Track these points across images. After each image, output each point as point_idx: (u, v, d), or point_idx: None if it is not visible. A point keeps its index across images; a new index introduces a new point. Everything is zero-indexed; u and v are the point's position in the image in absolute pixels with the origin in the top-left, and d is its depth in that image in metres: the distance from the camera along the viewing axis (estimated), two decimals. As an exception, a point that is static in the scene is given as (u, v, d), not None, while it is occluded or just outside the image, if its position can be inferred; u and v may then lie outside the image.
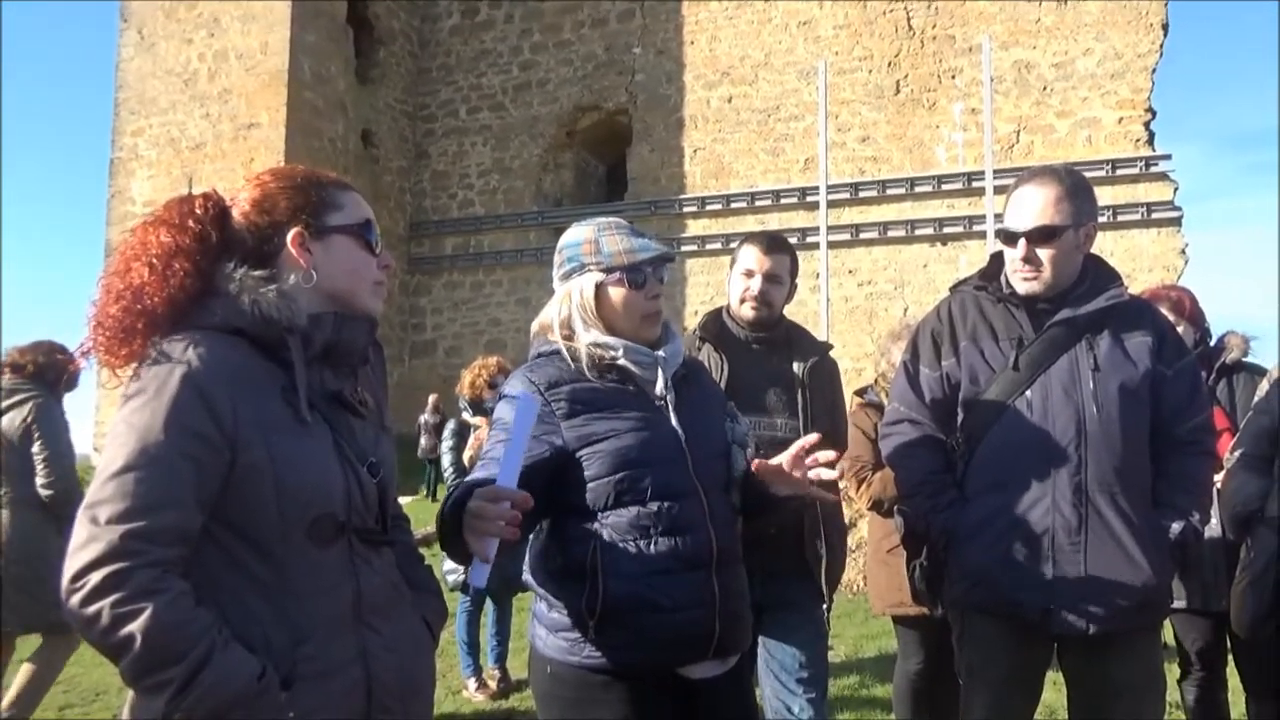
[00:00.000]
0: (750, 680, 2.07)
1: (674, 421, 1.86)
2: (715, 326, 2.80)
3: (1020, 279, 2.27)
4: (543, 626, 1.88)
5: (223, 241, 1.47)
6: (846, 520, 2.93)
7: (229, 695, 1.25)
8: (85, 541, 1.24)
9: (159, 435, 1.28)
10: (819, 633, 2.73)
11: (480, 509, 1.48)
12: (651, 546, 1.76)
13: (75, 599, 1.22)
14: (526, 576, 1.94)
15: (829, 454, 1.85)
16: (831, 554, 2.69)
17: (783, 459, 1.86)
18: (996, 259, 2.43)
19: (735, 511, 1.96)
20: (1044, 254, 2.22)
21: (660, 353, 1.90)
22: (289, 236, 1.47)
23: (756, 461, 1.88)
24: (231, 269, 1.43)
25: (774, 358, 2.76)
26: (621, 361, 1.85)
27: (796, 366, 2.73)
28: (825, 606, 2.74)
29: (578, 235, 1.93)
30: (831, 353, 2.92)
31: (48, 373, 4.10)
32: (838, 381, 2.88)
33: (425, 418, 12.90)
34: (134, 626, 1.21)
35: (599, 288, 1.88)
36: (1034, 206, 2.23)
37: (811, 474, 1.85)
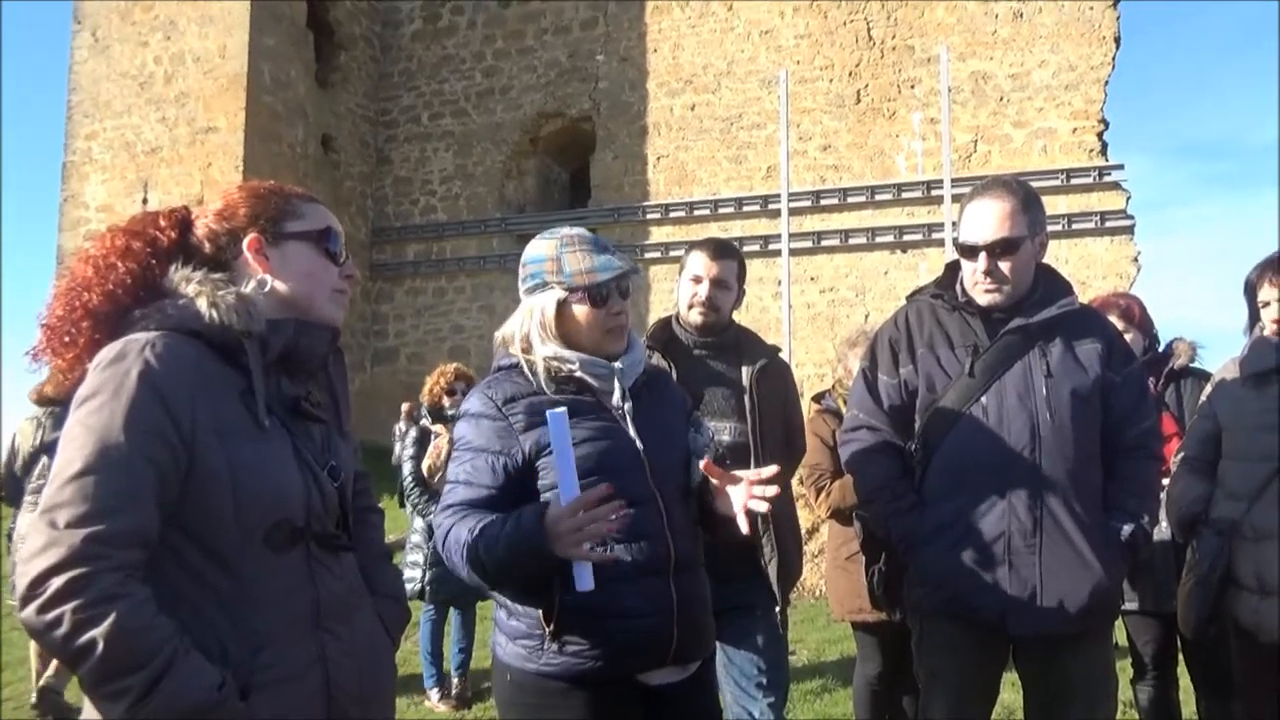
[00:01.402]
0: (714, 686, 2.07)
1: (631, 431, 1.87)
2: (663, 334, 2.82)
3: (982, 291, 2.31)
4: (503, 634, 1.88)
5: (176, 245, 1.47)
6: (808, 526, 2.94)
7: (188, 705, 1.23)
8: (44, 546, 1.21)
9: (118, 437, 1.26)
10: (775, 635, 2.74)
11: (573, 521, 1.61)
12: (608, 553, 1.76)
13: (33, 605, 1.20)
14: None
15: (771, 489, 1.82)
16: (784, 554, 2.70)
17: (741, 475, 1.85)
18: (952, 268, 2.47)
19: (695, 520, 1.97)
20: (1005, 266, 2.27)
21: (618, 364, 1.91)
22: (246, 242, 1.47)
23: (705, 461, 1.88)
24: (190, 270, 1.43)
25: (722, 363, 2.77)
26: (578, 374, 1.86)
27: (744, 370, 2.74)
28: (780, 608, 2.75)
29: (540, 251, 1.93)
30: (793, 359, 2.95)
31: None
32: (790, 383, 2.90)
33: (400, 425, 12.75)
34: (96, 632, 1.19)
35: (561, 305, 1.88)
36: (992, 219, 2.27)
37: (750, 503, 1.82)
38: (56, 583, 1.19)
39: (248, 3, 14.35)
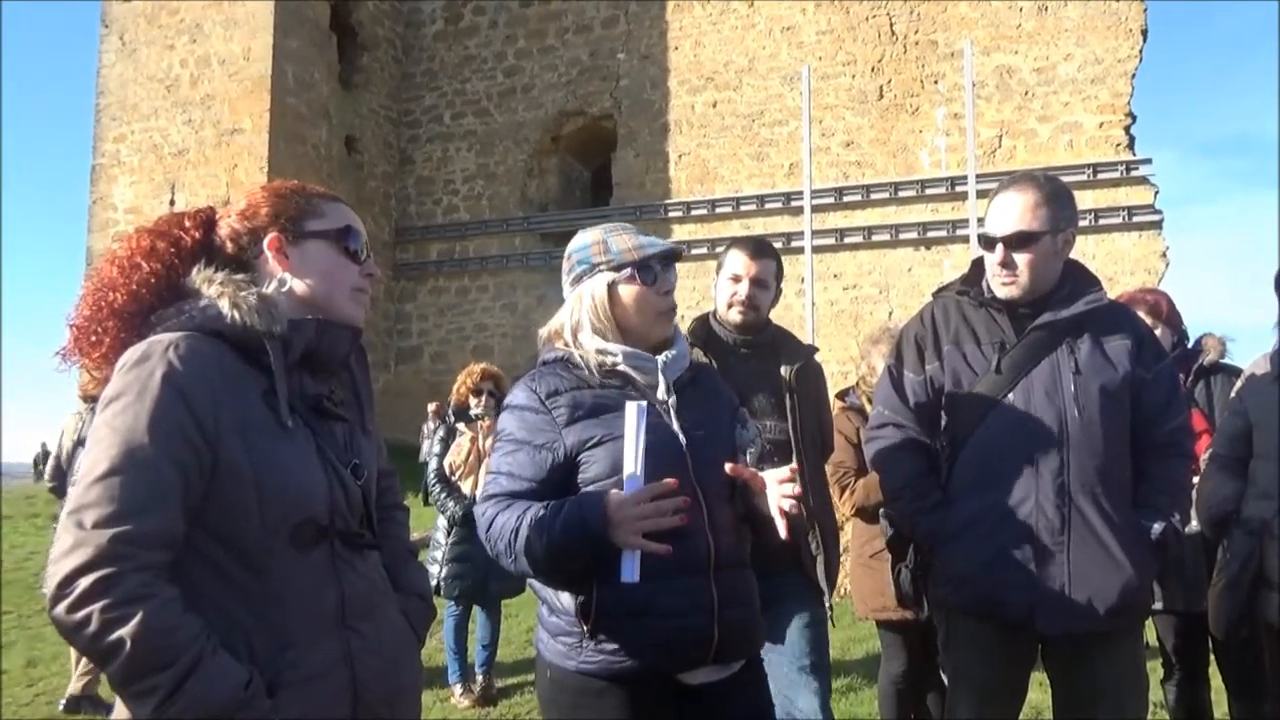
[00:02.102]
0: (761, 685, 1.99)
1: (675, 425, 1.85)
2: (703, 331, 2.83)
3: (999, 283, 2.30)
4: (545, 631, 1.87)
5: (200, 245, 1.48)
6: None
7: (215, 704, 1.24)
8: (71, 547, 1.22)
9: (143, 438, 1.27)
10: (819, 618, 2.75)
11: (638, 510, 1.63)
12: (662, 546, 1.72)
13: (62, 605, 1.21)
14: (530, 580, 1.92)
15: (790, 488, 1.80)
16: (825, 553, 2.71)
17: (766, 477, 1.83)
18: (978, 264, 2.45)
19: (740, 517, 1.94)
20: (1021, 259, 2.25)
21: (662, 357, 1.89)
22: (266, 241, 1.49)
23: (731, 466, 1.86)
24: (212, 270, 1.44)
25: (761, 361, 2.78)
26: (622, 367, 1.85)
27: (784, 370, 2.75)
28: (827, 602, 2.75)
29: (585, 239, 1.94)
30: (816, 356, 2.95)
31: None
32: (823, 383, 2.91)
33: (428, 425, 12.83)
34: (123, 632, 1.20)
35: (611, 288, 1.87)
36: (1012, 212, 2.26)
37: (778, 504, 1.80)
38: (84, 583, 1.20)
39: (271, 5, 14.48)
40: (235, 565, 1.34)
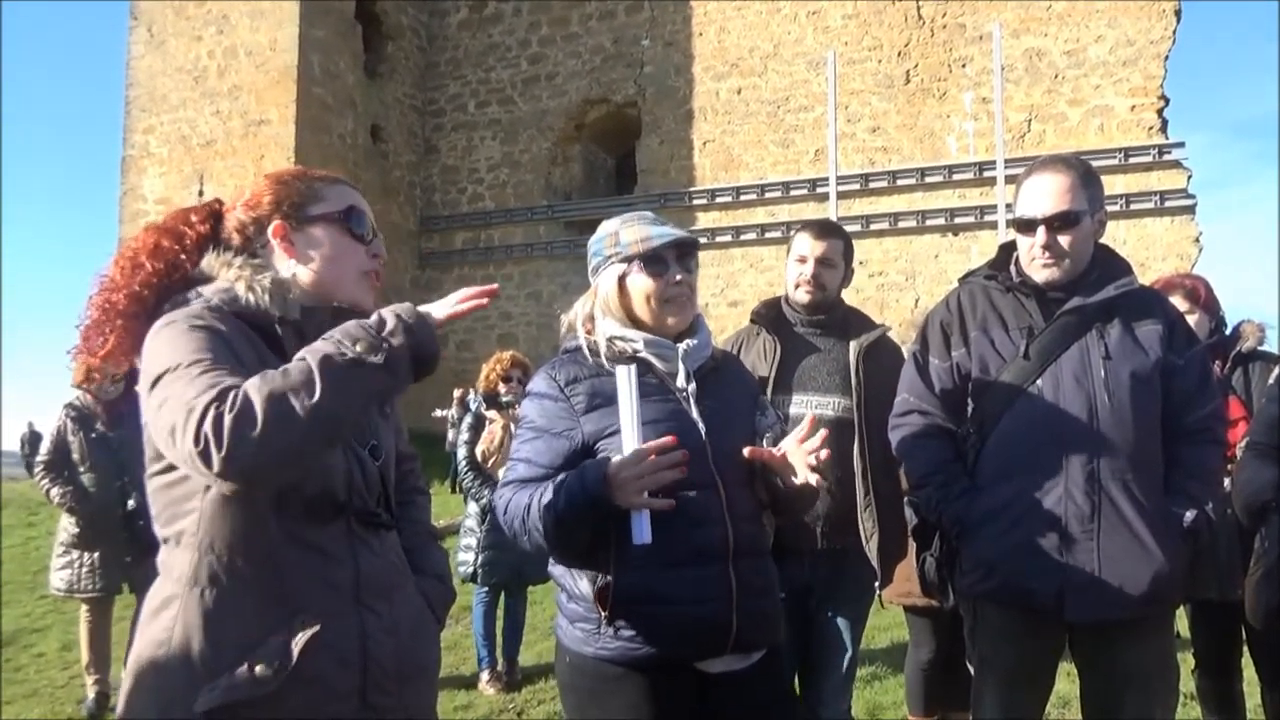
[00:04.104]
0: (781, 674, 1.99)
1: (694, 413, 1.85)
2: (771, 313, 2.88)
3: (1039, 266, 2.25)
4: (564, 617, 1.88)
5: (206, 238, 1.50)
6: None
7: (350, 337, 1.29)
8: (175, 414, 1.23)
9: (198, 342, 1.31)
10: (859, 615, 2.78)
11: (637, 469, 1.63)
12: (666, 537, 1.73)
13: (198, 446, 1.19)
14: (550, 567, 1.94)
15: (814, 442, 1.78)
16: (884, 528, 2.71)
17: (784, 446, 1.83)
18: (1005, 249, 2.43)
19: (760, 505, 1.93)
20: (1064, 240, 2.22)
21: (683, 345, 1.89)
22: (271, 229, 1.50)
23: (750, 449, 1.85)
24: (230, 255, 1.46)
25: (830, 340, 2.81)
26: (642, 354, 1.85)
27: (852, 346, 2.77)
28: (877, 583, 2.77)
29: (602, 230, 1.95)
30: (890, 334, 2.96)
31: None
32: (900, 361, 2.89)
33: (452, 411, 12.90)
34: (249, 409, 1.19)
35: (621, 280, 1.88)
36: (1052, 193, 2.22)
37: (809, 460, 1.79)
38: (204, 424, 1.19)
39: (297, -4, 14.55)
40: (252, 531, 1.36)
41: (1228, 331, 3.33)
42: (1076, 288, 2.26)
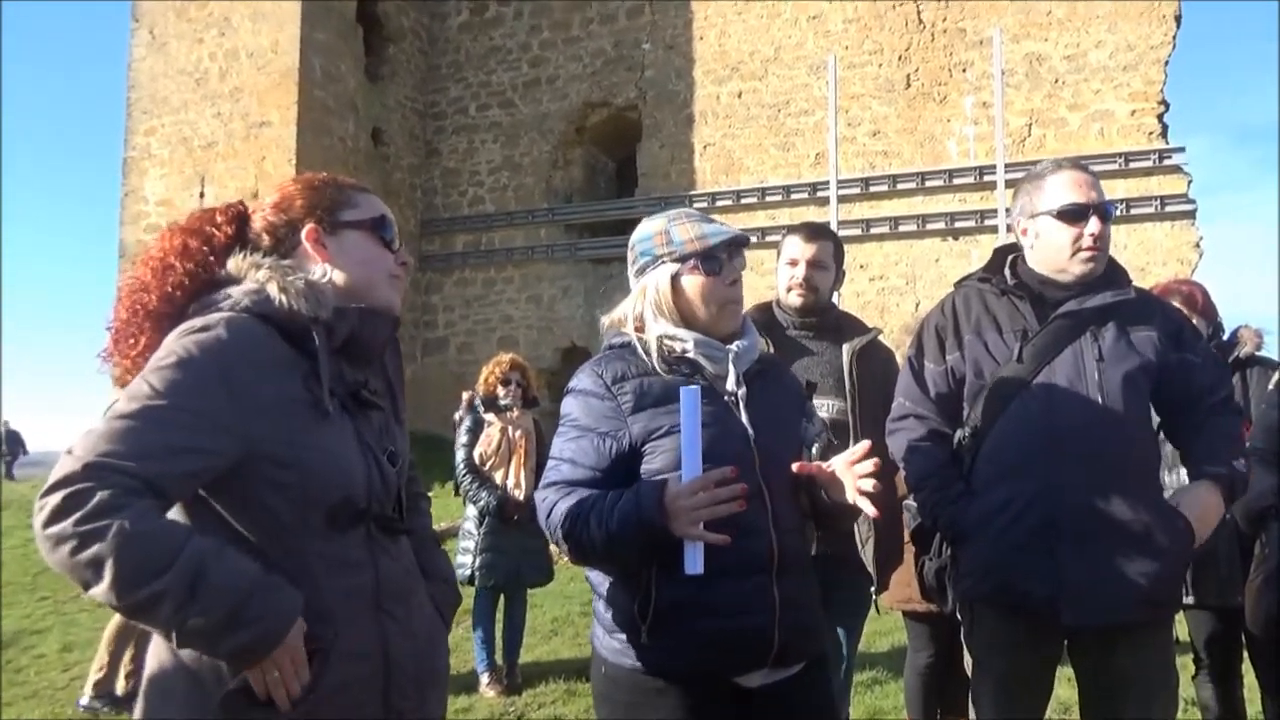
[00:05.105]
0: (824, 686, 1.92)
1: (744, 418, 1.79)
2: (763, 317, 2.87)
3: (1083, 259, 2.23)
4: (600, 626, 1.83)
5: (233, 240, 1.50)
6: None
7: (241, 591, 1.22)
8: (54, 470, 1.22)
9: (164, 399, 1.27)
10: (855, 626, 2.76)
11: (694, 500, 1.57)
12: (708, 549, 1.66)
13: (38, 521, 1.20)
14: (589, 574, 1.88)
15: (867, 465, 1.74)
16: (880, 534, 2.70)
17: (835, 464, 1.77)
18: (1000, 253, 2.44)
19: (804, 516, 1.89)
20: (1107, 231, 2.24)
21: (733, 347, 1.84)
22: (304, 232, 1.51)
23: (799, 465, 1.80)
24: (259, 258, 1.46)
25: (822, 343, 2.81)
26: (692, 355, 1.80)
27: (845, 349, 2.77)
28: (873, 588, 2.75)
29: (649, 229, 1.88)
30: (880, 337, 2.96)
31: None
32: (892, 364, 2.89)
33: (459, 414, 12.84)
34: (100, 546, 1.17)
35: (674, 279, 1.82)
36: (1093, 184, 2.24)
37: (860, 484, 1.74)
38: (52, 500, 1.19)
39: (299, -1, 14.55)
40: (272, 544, 1.36)
41: (1225, 337, 3.34)
42: (1072, 292, 2.27)
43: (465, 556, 4.95)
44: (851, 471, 1.73)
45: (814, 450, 1.90)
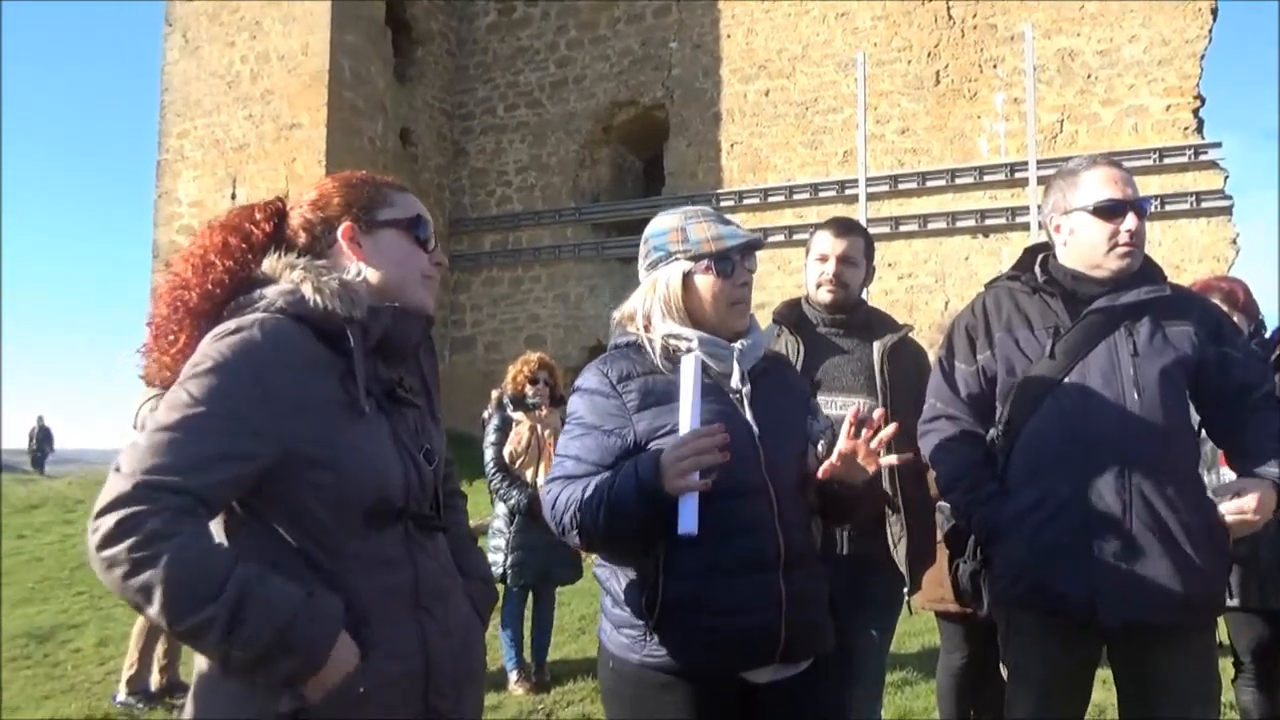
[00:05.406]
0: (831, 683, 1.94)
1: (748, 415, 1.81)
2: (793, 314, 2.86)
3: (1120, 254, 2.21)
4: (609, 622, 1.85)
5: (271, 238, 1.51)
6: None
7: (283, 619, 1.24)
8: (105, 490, 1.24)
9: (204, 407, 1.29)
10: (889, 626, 2.74)
11: (679, 451, 1.59)
12: (714, 545, 1.69)
13: (90, 545, 1.23)
14: (596, 569, 1.91)
15: (887, 430, 1.77)
16: (913, 534, 2.67)
17: (842, 447, 1.79)
18: (1030, 252, 2.41)
19: (811, 512, 1.89)
20: (1142, 229, 2.22)
21: (738, 345, 1.85)
22: (340, 230, 1.51)
23: (825, 467, 1.80)
24: (293, 257, 1.47)
25: (852, 340, 2.78)
26: (696, 352, 1.81)
27: (876, 347, 2.75)
28: (906, 589, 2.74)
29: (664, 224, 1.90)
30: (912, 334, 2.93)
31: None
32: (924, 360, 2.86)
33: (489, 412, 12.91)
34: (151, 573, 1.20)
35: (686, 277, 1.83)
36: (1129, 180, 2.21)
37: (883, 461, 1.79)
38: (105, 523, 1.21)
39: (328, 2, 14.69)
40: (312, 545, 1.37)
41: (1268, 334, 3.28)
42: (1104, 288, 2.23)
43: (496, 555, 4.97)
44: (856, 443, 1.77)
45: (819, 447, 1.91)
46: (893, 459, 1.85)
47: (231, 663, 1.25)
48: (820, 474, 1.81)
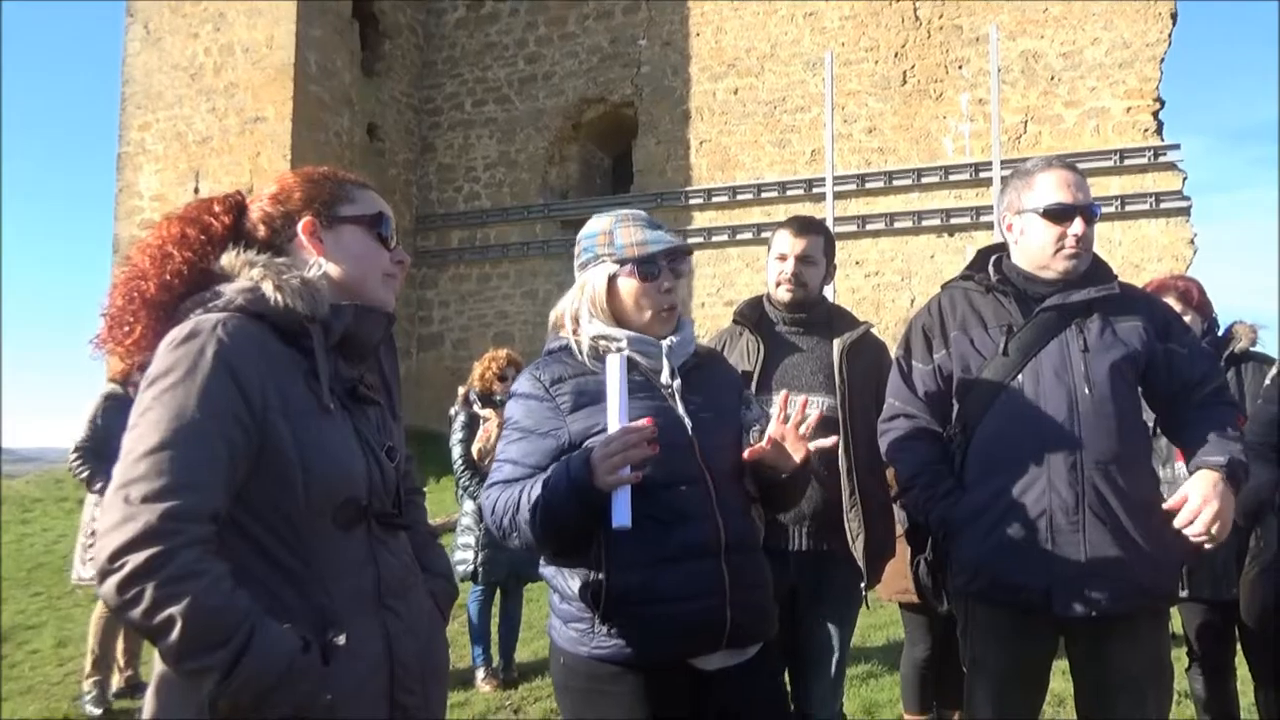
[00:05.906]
0: (775, 669, 2.00)
1: (680, 409, 1.85)
2: (754, 313, 2.87)
3: (1065, 256, 2.25)
4: (557, 618, 1.88)
5: (230, 231, 1.49)
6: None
7: (275, 674, 1.24)
8: (120, 521, 1.22)
9: (194, 414, 1.27)
10: (849, 618, 2.76)
11: (609, 448, 1.62)
12: (656, 535, 1.73)
13: (112, 582, 1.20)
14: (541, 568, 1.94)
15: (813, 416, 1.87)
16: (870, 529, 2.70)
17: (771, 432, 1.85)
18: (983, 253, 2.46)
19: (750, 499, 1.94)
20: (1090, 232, 2.25)
21: (666, 341, 1.89)
22: (301, 225, 1.49)
23: (752, 449, 1.85)
24: (253, 253, 1.45)
25: (812, 338, 2.80)
26: (626, 351, 1.85)
27: (835, 344, 2.76)
28: (864, 584, 2.76)
29: (595, 227, 1.94)
30: (873, 330, 2.95)
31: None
32: (885, 358, 2.88)
33: (455, 409, 12.83)
34: (175, 610, 1.19)
35: (611, 280, 1.88)
36: (1080, 185, 2.25)
37: (811, 445, 1.86)
38: (135, 559, 1.20)
39: (294, -6, 14.51)
40: (279, 545, 1.35)
41: (1220, 333, 3.35)
42: (1055, 288, 2.28)
43: (466, 553, 4.96)
44: (786, 429, 1.83)
45: (754, 434, 1.95)
46: (823, 442, 1.91)
47: (216, 712, 1.25)
48: (746, 455, 1.85)
